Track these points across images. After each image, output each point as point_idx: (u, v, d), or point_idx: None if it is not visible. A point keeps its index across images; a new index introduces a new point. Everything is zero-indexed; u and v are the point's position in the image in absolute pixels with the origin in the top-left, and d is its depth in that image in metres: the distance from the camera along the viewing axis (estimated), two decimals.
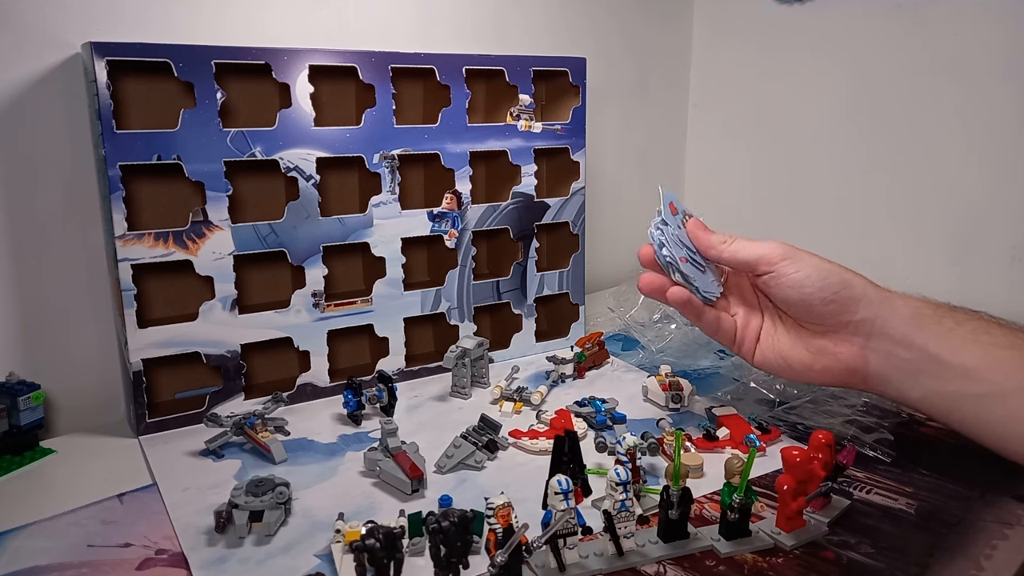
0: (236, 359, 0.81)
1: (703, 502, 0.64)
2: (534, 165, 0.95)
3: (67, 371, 0.84)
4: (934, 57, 1.05)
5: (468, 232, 0.93)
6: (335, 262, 0.87)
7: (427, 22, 1.04)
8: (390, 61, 0.84)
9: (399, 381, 0.88)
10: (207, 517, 0.61)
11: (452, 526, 0.52)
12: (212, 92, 0.75)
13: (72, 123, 0.80)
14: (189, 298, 0.80)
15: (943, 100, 1.05)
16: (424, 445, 0.71)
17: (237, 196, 0.80)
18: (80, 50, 0.79)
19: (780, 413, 0.81)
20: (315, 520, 0.62)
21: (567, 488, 0.53)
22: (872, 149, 1.14)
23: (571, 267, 1.01)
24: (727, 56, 1.33)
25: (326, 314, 0.85)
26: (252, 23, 0.89)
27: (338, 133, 0.83)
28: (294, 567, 0.56)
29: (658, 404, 0.84)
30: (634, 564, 0.55)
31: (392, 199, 0.87)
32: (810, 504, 0.59)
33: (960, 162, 1.04)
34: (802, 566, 0.55)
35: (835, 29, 1.16)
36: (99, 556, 0.57)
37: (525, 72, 0.93)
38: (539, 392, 0.84)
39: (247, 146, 0.78)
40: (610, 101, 1.28)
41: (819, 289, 0.65)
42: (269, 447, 0.72)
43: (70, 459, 0.74)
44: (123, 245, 0.73)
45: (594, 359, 0.95)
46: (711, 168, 1.41)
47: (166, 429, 0.78)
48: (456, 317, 0.94)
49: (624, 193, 1.35)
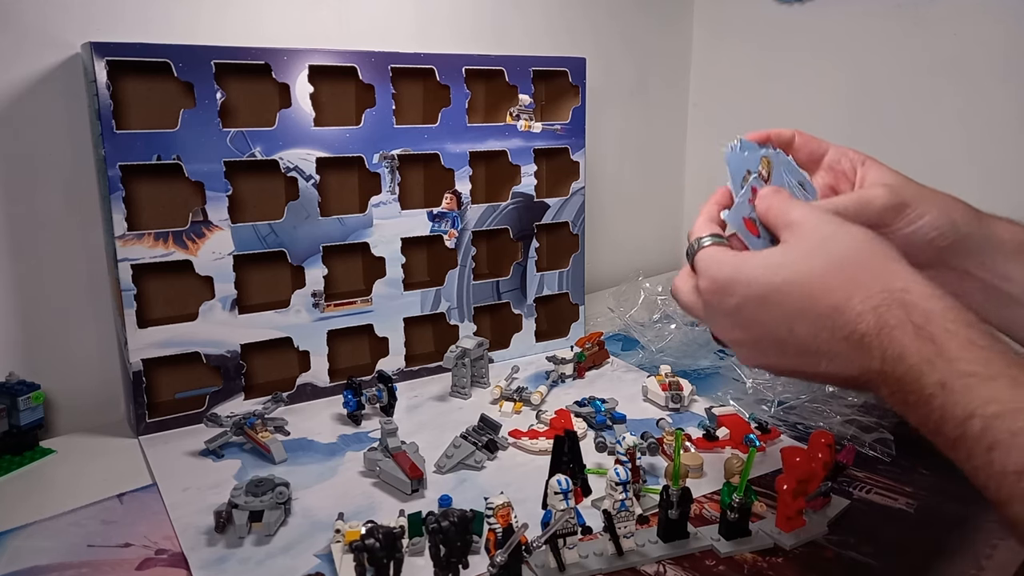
0: (236, 359, 0.81)
1: (703, 502, 0.64)
2: (534, 165, 0.95)
3: (67, 371, 0.84)
4: (934, 57, 1.05)
5: (468, 232, 0.93)
6: (335, 262, 0.87)
7: (427, 22, 1.04)
8: (390, 61, 0.84)
9: (399, 381, 0.88)
10: (207, 517, 0.61)
11: (452, 526, 0.52)
12: (212, 92, 0.75)
13: (72, 123, 0.80)
14: (189, 298, 0.80)
15: (943, 100, 1.05)
16: (424, 445, 0.71)
17: (237, 196, 0.80)
18: (80, 50, 0.79)
19: (780, 413, 0.81)
20: (315, 520, 0.62)
21: (567, 488, 0.53)
22: (872, 149, 1.13)
23: (571, 267, 1.01)
24: (727, 56, 1.33)
25: (326, 314, 0.85)
26: (252, 23, 0.89)
27: (338, 133, 0.83)
28: (294, 567, 0.56)
29: (658, 404, 0.84)
30: (634, 564, 0.55)
31: (392, 199, 0.87)
32: (810, 504, 0.59)
33: (960, 162, 1.04)
34: (802, 566, 0.55)
35: (835, 29, 1.16)
36: (99, 556, 0.57)
37: (525, 72, 0.93)
38: (539, 392, 0.84)
39: (247, 146, 0.78)
40: (610, 101, 1.28)
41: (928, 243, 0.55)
42: (269, 447, 0.72)
43: (70, 459, 0.74)
44: (123, 245, 0.73)
45: (594, 359, 0.95)
46: (711, 168, 1.41)
47: (166, 429, 0.78)
48: (456, 317, 0.94)
49: (624, 193, 1.35)
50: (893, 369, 0.42)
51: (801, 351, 0.48)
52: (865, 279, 0.45)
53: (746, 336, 0.50)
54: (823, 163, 0.59)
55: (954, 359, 0.40)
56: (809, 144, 0.59)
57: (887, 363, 0.43)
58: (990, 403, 0.38)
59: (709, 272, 0.51)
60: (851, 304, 0.45)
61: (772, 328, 0.48)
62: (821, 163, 0.59)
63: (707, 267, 0.51)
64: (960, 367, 0.40)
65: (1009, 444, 0.37)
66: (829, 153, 0.59)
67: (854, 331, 0.44)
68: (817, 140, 0.60)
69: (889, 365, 0.43)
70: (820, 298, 0.46)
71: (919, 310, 0.43)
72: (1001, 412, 0.38)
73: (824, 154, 0.59)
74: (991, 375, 0.39)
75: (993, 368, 0.39)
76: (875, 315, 0.44)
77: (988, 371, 0.39)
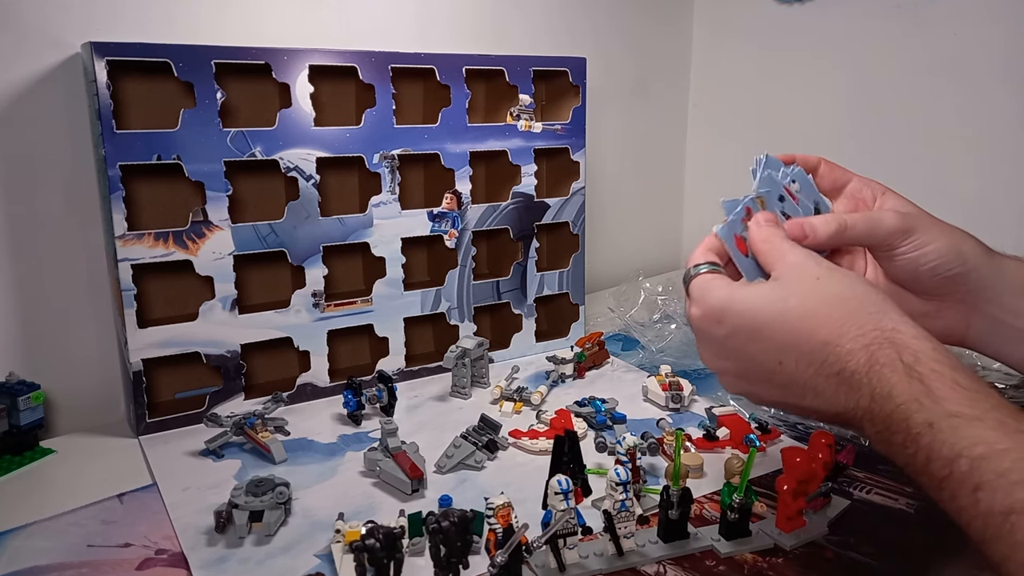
0: (236, 359, 0.81)
1: (703, 502, 0.64)
2: (534, 165, 0.95)
3: (67, 371, 0.84)
4: (934, 57, 1.05)
5: (468, 232, 0.93)
6: (335, 262, 0.87)
7: (427, 22, 1.04)
8: (390, 61, 0.84)
9: (399, 381, 0.87)
10: (207, 517, 0.61)
11: (452, 526, 0.52)
12: (212, 92, 0.75)
13: (72, 123, 0.80)
14: (189, 298, 0.80)
15: (943, 100, 1.05)
16: (424, 445, 0.71)
17: (237, 196, 0.80)
18: (80, 50, 0.79)
19: (780, 413, 0.81)
20: (315, 520, 0.62)
21: (567, 488, 0.53)
22: (871, 149, 1.14)
23: (571, 267, 1.01)
24: (727, 56, 1.33)
25: (326, 314, 0.85)
26: (252, 23, 0.89)
27: (338, 133, 0.83)
28: (294, 567, 0.56)
29: (658, 404, 0.84)
30: (634, 564, 0.55)
31: (392, 199, 0.87)
32: (810, 504, 0.59)
33: (960, 162, 1.04)
34: (802, 566, 0.55)
35: (835, 29, 1.16)
36: (99, 556, 0.57)
37: (525, 72, 0.93)
38: (539, 392, 0.84)
39: (247, 146, 0.78)
40: (610, 101, 1.28)
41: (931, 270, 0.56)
42: (269, 447, 0.72)
43: (70, 459, 0.74)
44: (123, 245, 0.73)
45: (594, 359, 0.95)
46: (711, 168, 1.41)
47: (166, 429, 0.78)
48: (456, 317, 0.94)
49: (624, 193, 1.35)
50: (881, 407, 0.43)
51: (787, 384, 0.48)
52: (857, 317, 0.46)
53: (732, 366, 0.51)
54: (845, 191, 0.60)
55: (941, 399, 0.41)
56: (833, 172, 0.60)
57: (876, 401, 0.43)
58: (977, 444, 0.39)
59: (701, 300, 0.52)
60: (842, 341, 0.45)
61: (760, 360, 0.49)
62: (843, 191, 0.60)
63: (700, 295, 0.52)
64: (947, 407, 0.41)
65: (995, 485, 0.37)
66: (852, 182, 0.60)
67: (844, 368, 0.45)
68: (841, 169, 0.61)
69: (877, 403, 0.43)
70: (811, 333, 0.47)
71: (909, 350, 0.43)
72: (987, 453, 0.38)
73: (847, 183, 0.60)
74: (977, 416, 0.40)
75: (979, 409, 0.40)
76: (867, 353, 0.44)
77: (974, 412, 0.40)
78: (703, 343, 0.53)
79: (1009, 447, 0.38)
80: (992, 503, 0.37)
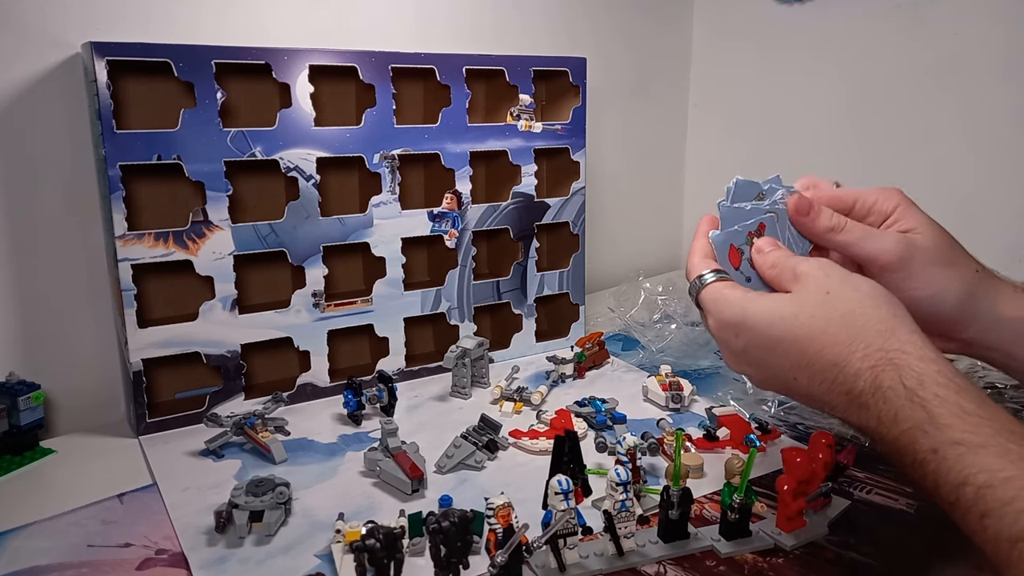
0: (236, 359, 0.81)
1: (703, 502, 0.64)
2: (534, 165, 0.95)
3: (67, 371, 0.84)
4: (934, 57, 1.05)
5: (468, 232, 0.93)
6: (335, 262, 0.87)
7: (427, 22, 1.04)
8: (390, 61, 0.84)
9: (399, 381, 0.87)
10: (207, 517, 0.61)
11: (452, 526, 0.52)
12: (212, 92, 0.75)
13: (72, 123, 0.80)
14: (189, 298, 0.80)
15: (943, 100, 1.05)
16: (424, 445, 0.71)
17: (237, 196, 0.80)
18: (80, 50, 0.79)
19: (780, 413, 0.81)
20: (315, 520, 0.62)
21: (567, 488, 0.53)
22: (871, 149, 1.14)
23: (571, 267, 1.01)
24: (727, 56, 1.33)
25: (326, 314, 0.85)
26: (252, 23, 0.89)
27: (338, 133, 0.83)
28: (294, 567, 0.56)
29: (658, 404, 0.83)
30: (634, 564, 0.55)
31: (392, 199, 0.87)
32: (810, 504, 0.59)
33: (960, 162, 1.04)
34: (802, 566, 0.55)
35: (835, 29, 1.16)
36: (99, 556, 0.57)
37: (525, 72, 0.93)
38: (539, 392, 0.84)
39: (247, 146, 0.78)
40: (610, 101, 1.27)
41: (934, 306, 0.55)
42: (269, 447, 0.72)
43: (70, 459, 0.74)
44: (123, 245, 0.73)
45: (594, 359, 0.95)
46: (711, 168, 1.41)
47: (166, 429, 0.78)
48: (456, 317, 0.94)
49: (624, 193, 1.35)
50: (888, 430, 0.43)
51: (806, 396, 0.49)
52: (863, 336, 0.46)
53: (755, 372, 0.52)
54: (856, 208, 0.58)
55: (945, 427, 0.41)
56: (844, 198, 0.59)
57: (882, 424, 0.44)
58: (980, 472, 0.39)
59: (716, 312, 0.52)
60: (850, 361, 0.46)
61: (778, 372, 0.50)
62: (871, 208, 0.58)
63: (714, 307, 0.52)
64: (951, 435, 0.41)
65: (1000, 513, 0.37)
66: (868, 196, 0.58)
67: (852, 388, 0.45)
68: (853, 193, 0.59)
69: (884, 426, 0.43)
70: (819, 353, 0.47)
71: (912, 373, 0.43)
72: (991, 481, 0.38)
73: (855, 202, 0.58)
74: (981, 443, 0.40)
75: (982, 436, 0.40)
76: (872, 374, 0.44)
77: (978, 439, 0.40)
78: (724, 351, 0.54)
79: (1013, 475, 0.38)
80: (999, 531, 0.37)
